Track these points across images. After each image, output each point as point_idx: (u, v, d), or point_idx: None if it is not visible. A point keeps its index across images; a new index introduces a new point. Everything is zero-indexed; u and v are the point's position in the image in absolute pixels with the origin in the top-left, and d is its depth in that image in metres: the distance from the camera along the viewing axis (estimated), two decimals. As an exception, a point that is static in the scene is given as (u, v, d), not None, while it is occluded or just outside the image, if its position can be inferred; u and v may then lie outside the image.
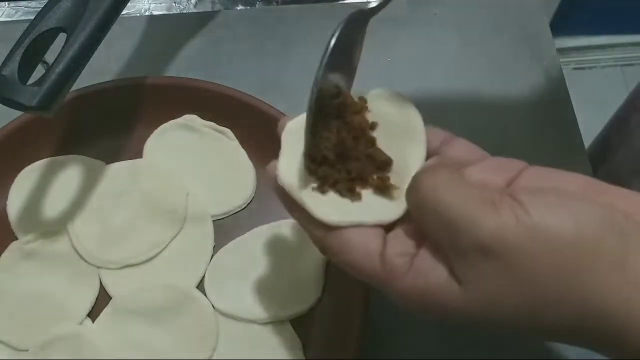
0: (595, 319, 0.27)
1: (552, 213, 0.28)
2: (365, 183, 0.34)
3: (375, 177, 0.34)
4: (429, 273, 0.30)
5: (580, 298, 0.27)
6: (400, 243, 0.32)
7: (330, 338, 0.46)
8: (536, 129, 0.56)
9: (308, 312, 0.47)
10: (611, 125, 0.68)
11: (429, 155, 0.35)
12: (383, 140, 0.36)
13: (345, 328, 0.44)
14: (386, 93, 0.37)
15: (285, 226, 0.50)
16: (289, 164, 0.34)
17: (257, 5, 0.63)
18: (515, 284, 0.28)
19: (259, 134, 0.52)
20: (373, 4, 0.36)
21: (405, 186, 0.32)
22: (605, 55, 1.57)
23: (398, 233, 0.32)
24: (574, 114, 0.57)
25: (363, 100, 0.36)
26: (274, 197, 0.51)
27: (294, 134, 0.35)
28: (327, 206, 0.33)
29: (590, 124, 0.66)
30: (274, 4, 0.63)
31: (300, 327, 0.47)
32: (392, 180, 0.34)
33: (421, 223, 0.31)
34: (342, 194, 0.34)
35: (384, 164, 0.35)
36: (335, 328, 0.46)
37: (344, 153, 0.34)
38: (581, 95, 0.70)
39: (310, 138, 0.33)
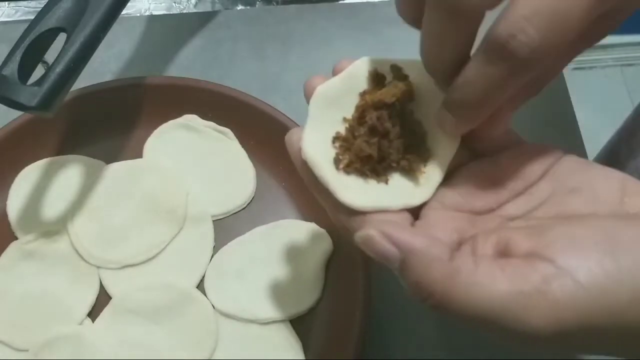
0: None
1: (605, 274, 0.25)
2: (391, 164, 0.32)
3: (402, 157, 0.32)
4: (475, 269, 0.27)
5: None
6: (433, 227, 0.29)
7: (330, 338, 0.46)
8: (536, 129, 0.56)
9: (308, 312, 0.47)
10: (619, 138, 0.68)
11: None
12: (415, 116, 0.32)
13: (345, 328, 0.44)
14: (419, 63, 0.31)
15: (285, 226, 0.50)
16: (315, 135, 0.32)
17: (257, 5, 0.63)
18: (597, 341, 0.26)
19: (259, 134, 0.52)
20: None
21: (430, 169, 0.30)
22: (605, 55, 1.57)
23: (429, 218, 0.30)
24: (574, 114, 0.57)
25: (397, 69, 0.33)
26: (274, 197, 0.52)
27: (324, 100, 0.32)
28: (351, 187, 0.31)
29: (590, 124, 0.66)
30: (274, 4, 0.63)
31: (300, 327, 0.47)
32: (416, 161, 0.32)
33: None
34: (368, 175, 0.32)
35: (417, 146, 0.32)
36: (335, 328, 0.46)
37: (382, 132, 0.31)
38: (581, 95, 0.70)
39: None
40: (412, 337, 0.48)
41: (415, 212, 0.31)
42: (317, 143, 0.32)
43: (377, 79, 0.33)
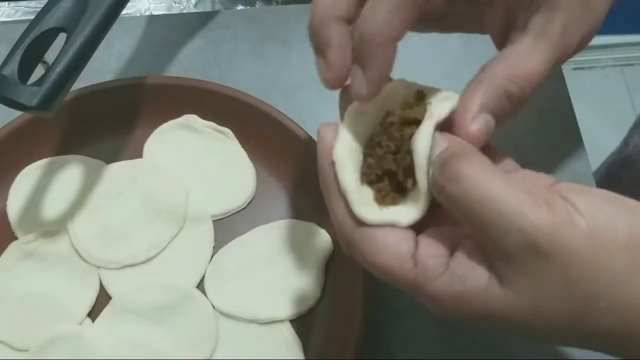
0: None
1: (605, 215, 0.27)
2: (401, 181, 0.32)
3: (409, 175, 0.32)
4: (467, 276, 0.28)
5: (629, 302, 0.27)
6: (434, 244, 0.30)
7: (330, 338, 0.46)
8: (536, 129, 0.56)
9: (308, 312, 0.47)
10: (617, 149, 0.68)
11: None
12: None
13: (345, 328, 0.44)
14: (403, 82, 0.34)
15: (285, 226, 0.50)
16: (350, 140, 0.32)
17: (257, 5, 0.63)
18: (568, 288, 0.27)
19: (259, 134, 0.52)
20: None
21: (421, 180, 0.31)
22: (605, 55, 1.57)
23: (430, 235, 0.31)
24: (574, 114, 0.57)
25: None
26: (274, 197, 0.52)
27: (359, 110, 0.33)
28: (367, 201, 0.31)
29: (590, 124, 0.66)
30: (274, 4, 0.63)
31: (300, 327, 0.47)
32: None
33: (459, 217, 0.29)
34: (385, 191, 0.32)
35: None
36: (335, 328, 0.46)
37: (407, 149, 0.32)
38: (581, 95, 0.70)
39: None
40: (412, 337, 0.48)
41: (418, 229, 0.31)
42: (350, 148, 0.32)
43: (418, 97, 0.33)
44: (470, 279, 0.28)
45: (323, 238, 0.48)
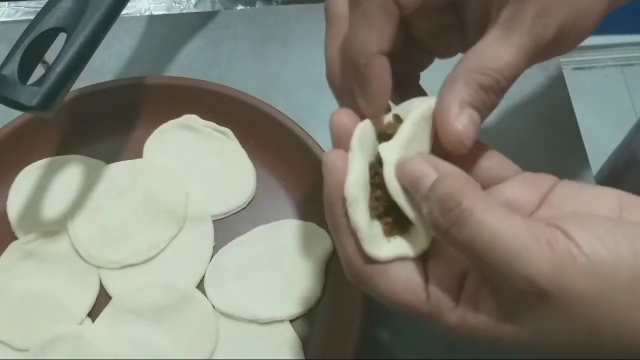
0: None
1: (607, 251, 0.26)
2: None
3: None
4: (478, 310, 0.29)
5: (634, 336, 0.27)
6: (444, 276, 0.30)
7: (330, 338, 0.46)
8: (536, 129, 0.56)
9: (308, 312, 0.47)
10: (620, 150, 0.68)
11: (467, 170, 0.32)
12: None
13: (345, 328, 0.44)
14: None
15: (286, 226, 0.50)
16: (357, 174, 0.30)
17: (257, 5, 0.63)
18: (572, 325, 0.27)
19: (259, 134, 0.52)
20: None
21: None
22: (605, 55, 1.57)
23: (439, 265, 0.30)
24: (574, 114, 0.57)
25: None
26: (274, 197, 0.52)
27: (367, 135, 0.31)
28: (375, 236, 0.30)
29: (590, 124, 0.66)
30: (274, 4, 0.63)
31: (300, 327, 0.47)
32: None
33: (468, 259, 0.29)
34: (389, 224, 0.31)
35: None
36: (335, 328, 0.46)
37: None
38: (581, 95, 0.70)
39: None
40: (412, 337, 0.48)
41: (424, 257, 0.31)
42: (361, 182, 0.30)
43: (395, 118, 0.33)
44: (481, 312, 0.29)
45: (323, 238, 0.48)
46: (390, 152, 0.31)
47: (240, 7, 0.63)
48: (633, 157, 0.67)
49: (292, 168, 0.51)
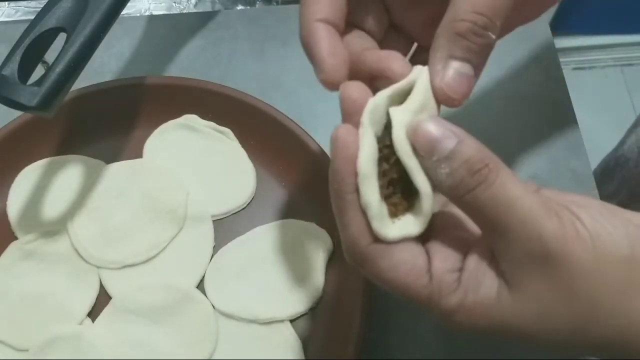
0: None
1: (606, 231, 0.28)
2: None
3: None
4: (478, 286, 0.29)
5: (628, 312, 0.28)
6: (447, 258, 0.30)
7: (330, 338, 0.46)
8: (536, 129, 0.56)
9: (308, 312, 0.47)
10: (614, 149, 0.68)
11: None
12: None
13: (345, 328, 0.44)
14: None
15: (285, 226, 0.50)
16: (369, 150, 0.29)
17: (257, 5, 0.63)
18: (571, 296, 0.28)
19: (259, 134, 0.52)
20: None
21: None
22: (605, 55, 1.57)
23: (441, 246, 0.31)
24: (574, 114, 0.57)
25: None
26: (274, 197, 0.52)
27: (377, 110, 0.31)
28: (384, 215, 0.30)
29: (590, 123, 0.66)
30: (274, 4, 0.63)
31: (300, 327, 0.47)
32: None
33: (478, 220, 0.29)
34: (397, 206, 0.31)
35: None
36: (335, 328, 0.46)
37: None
38: (581, 95, 0.70)
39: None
40: (412, 337, 0.48)
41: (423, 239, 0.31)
42: (373, 159, 0.30)
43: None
44: (482, 289, 0.29)
45: (323, 238, 0.48)
46: (401, 115, 0.30)
47: (240, 7, 0.63)
48: (623, 154, 0.67)
49: (292, 168, 0.51)
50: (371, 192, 0.29)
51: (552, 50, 0.60)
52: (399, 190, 0.31)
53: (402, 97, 0.31)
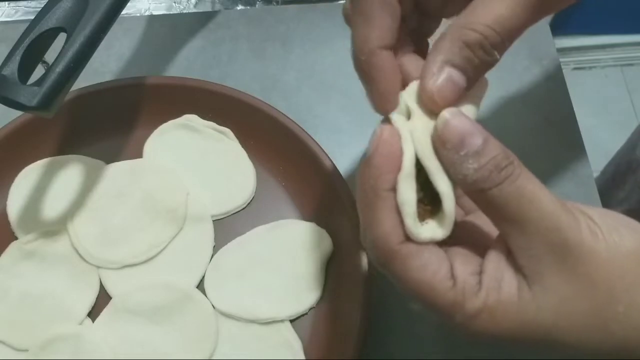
0: None
1: (616, 230, 0.29)
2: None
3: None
4: (500, 285, 0.29)
5: None
6: (467, 261, 0.30)
7: (330, 338, 0.46)
8: (536, 129, 0.56)
9: (308, 312, 0.47)
10: (623, 152, 0.68)
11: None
12: None
13: (345, 328, 0.44)
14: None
15: (285, 226, 0.50)
16: (412, 151, 0.30)
17: (257, 5, 0.63)
18: (591, 289, 0.28)
19: (259, 134, 0.52)
20: None
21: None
22: (605, 55, 1.57)
23: (462, 250, 0.31)
24: (574, 114, 0.57)
25: None
26: (274, 197, 0.52)
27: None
28: (414, 217, 0.30)
29: (590, 123, 0.66)
30: (274, 4, 0.63)
31: (300, 327, 0.47)
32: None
33: (498, 215, 0.29)
34: (424, 211, 0.31)
35: None
36: (335, 328, 0.46)
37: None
38: (581, 95, 0.70)
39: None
40: (412, 337, 0.48)
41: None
42: (414, 159, 0.30)
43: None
44: (503, 288, 0.29)
45: (323, 238, 0.48)
46: (420, 120, 0.31)
47: (240, 7, 0.63)
48: (636, 159, 0.67)
49: (292, 168, 0.51)
50: (411, 190, 0.30)
51: (552, 50, 0.60)
52: (421, 197, 0.31)
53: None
